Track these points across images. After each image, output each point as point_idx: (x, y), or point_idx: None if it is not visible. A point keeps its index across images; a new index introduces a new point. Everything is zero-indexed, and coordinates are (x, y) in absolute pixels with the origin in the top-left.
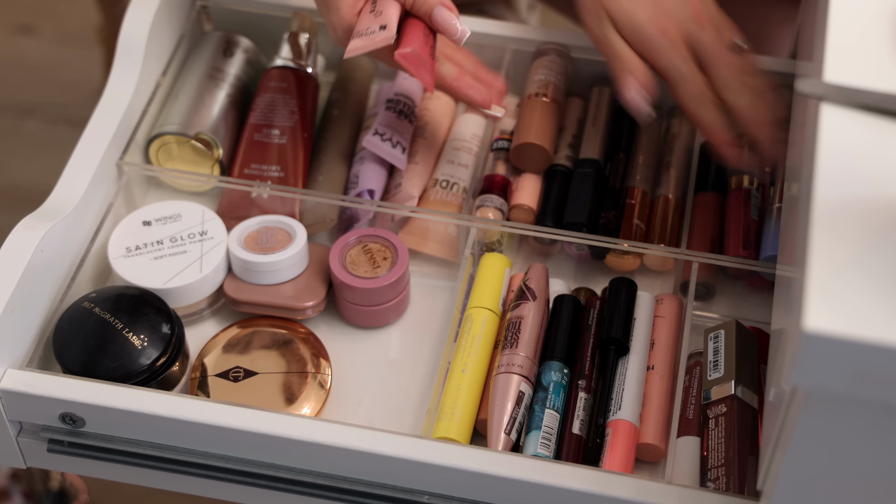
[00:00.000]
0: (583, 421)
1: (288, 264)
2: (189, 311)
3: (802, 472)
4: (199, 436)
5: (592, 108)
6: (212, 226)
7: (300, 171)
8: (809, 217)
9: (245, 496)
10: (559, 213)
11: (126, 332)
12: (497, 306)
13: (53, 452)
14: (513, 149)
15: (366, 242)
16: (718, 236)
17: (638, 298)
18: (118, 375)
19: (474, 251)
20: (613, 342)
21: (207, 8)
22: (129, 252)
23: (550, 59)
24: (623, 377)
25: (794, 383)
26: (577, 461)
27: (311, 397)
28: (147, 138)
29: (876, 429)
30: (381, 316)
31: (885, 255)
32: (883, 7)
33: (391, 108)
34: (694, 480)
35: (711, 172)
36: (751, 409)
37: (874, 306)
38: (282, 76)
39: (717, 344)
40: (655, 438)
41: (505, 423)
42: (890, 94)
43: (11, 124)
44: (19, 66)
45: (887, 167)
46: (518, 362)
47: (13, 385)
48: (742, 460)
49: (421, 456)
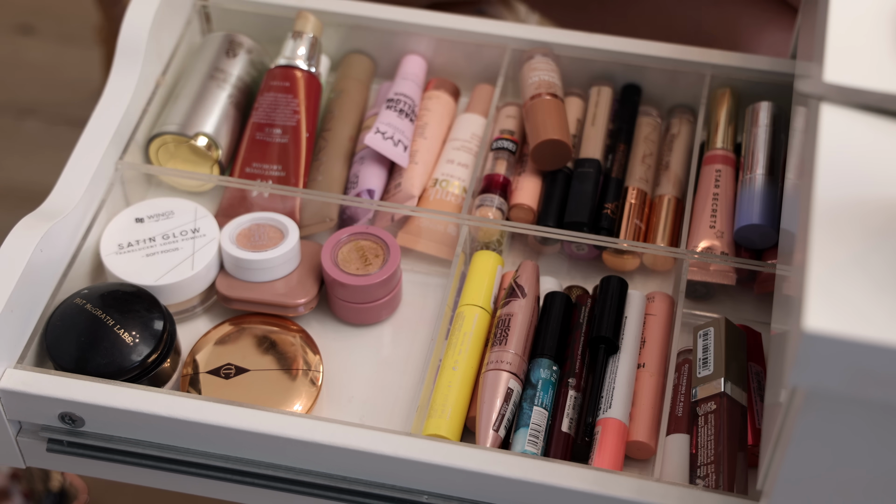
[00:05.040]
0: (572, 419)
1: (280, 262)
2: (181, 307)
3: (802, 472)
4: (198, 435)
5: (592, 107)
6: (204, 223)
7: (301, 171)
8: (809, 217)
9: (244, 496)
10: (560, 212)
11: (118, 328)
12: (488, 304)
13: (53, 452)
14: (534, 148)
15: (358, 240)
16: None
17: (629, 296)
18: (109, 372)
19: (466, 249)
20: (603, 340)
21: (208, 8)
22: (122, 249)
23: (536, 61)
24: (613, 375)
25: (794, 383)
26: (566, 459)
27: (303, 394)
28: (147, 138)
29: (876, 429)
30: (372, 313)
31: (885, 255)
32: (883, 7)
33: (392, 108)
34: (683, 478)
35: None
36: (740, 406)
37: (874, 306)
38: (284, 75)
39: (707, 341)
40: (645, 436)
41: (493, 419)
42: (890, 94)
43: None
44: (19, 66)
45: (887, 167)
46: (507, 359)
47: (13, 385)
48: (731, 457)
49: (421, 455)
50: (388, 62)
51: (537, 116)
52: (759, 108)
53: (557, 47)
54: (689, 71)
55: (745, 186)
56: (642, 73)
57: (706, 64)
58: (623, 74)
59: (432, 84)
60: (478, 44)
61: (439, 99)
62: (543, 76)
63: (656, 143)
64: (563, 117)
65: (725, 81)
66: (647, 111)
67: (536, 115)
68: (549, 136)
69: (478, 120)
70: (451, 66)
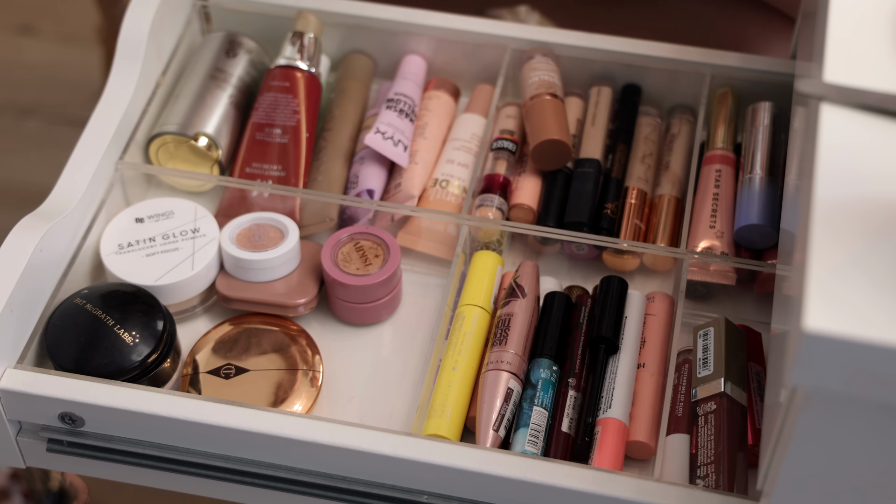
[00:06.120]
0: (572, 419)
1: (280, 262)
2: (181, 308)
3: (802, 472)
4: (198, 435)
5: (592, 107)
6: (204, 223)
7: (301, 171)
8: (809, 217)
9: (244, 496)
10: (560, 212)
11: (118, 328)
12: (488, 304)
13: (53, 452)
14: (534, 148)
15: (357, 240)
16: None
17: (629, 297)
18: (109, 372)
19: (466, 249)
20: (603, 340)
21: (208, 8)
22: (122, 249)
23: (536, 61)
24: (613, 375)
25: (794, 383)
26: (566, 459)
27: (303, 394)
28: (147, 138)
29: (876, 429)
30: (372, 313)
31: (885, 255)
32: (883, 7)
33: (392, 108)
34: (683, 478)
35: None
36: (740, 406)
37: (874, 306)
38: (284, 75)
39: (707, 341)
40: (645, 436)
41: (493, 419)
42: (890, 94)
43: (11, 124)
44: (19, 66)
45: (887, 167)
46: (507, 359)
47: (12, 385)
48: (731, 457)
49: (421, 455)
50: (388, 62)
51: (537, 116)
52: (759, 108)
53: (557, 47)
54: (689, 71)
55: (744, 186)
56: (642, 73)
57: (706, 64)
58: (623, 74)
59: (432, 84)
60: (478, 44)
61: (439, 99)
62: (543, 76)
63: (656, 143)
64: (563, 117)
65: (725, 81)
66: (647, 111)
67: (536, 115)
68: (549, 136)
69: (478, 120)
70: (451, 66)
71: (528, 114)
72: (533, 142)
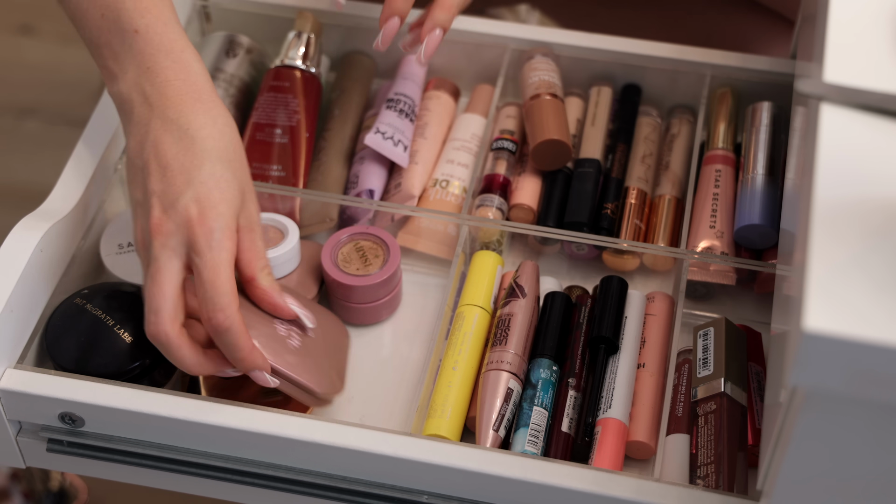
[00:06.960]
0: (572, 419)
1: (280, 262)
2: None
3: (802, 472)
4: (198, 435)
5: (591, 107)
6: None
7: (301, 171)
8: (809, 217)
9: (244, 496)
10: (560, 212)
11: (117, 328)
12: (488, 304)
13: (53, 452)
14: (534, 148)
15: (357, 240)
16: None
17: (629, 296)
18: (109, 372)
19: (466, 249)
20: (603, 340)
21: (208, 8)
22: (121, 249)
23: (536, 61)
24: (613, 375)
25: (794, 383)
26: (566, 459)
27: None
28: None
29: (876, 429)
30: (372, 313)
31: (885, 255)
32: (883, 7)
33: (392, 108)
34: (683, 478)
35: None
36: (740, 406)
37: (874, 306)
38: (284, 76)
39: (707, 341)
40: (645, 436)
41: (493, 419)
42: (890, 94)
43: (11, 124)
44: (19, 66)
45: (887, 167)
46: (507, 359)
47: (12, 385)
48: (731, 457)
49: (421, 455)
50: (388, 62)
51: (537, 116)
52: (759, 108)
53: (557, 47)
54: (689, 71)
55: (744, 186)
56: (642, 73)
57: (706, 64)
58: (623, 74)
59: (432, 84)
60: (478, 44)
61: (439, 99)
62: (543, 76)
63: (656, 143)
64: (563, 117)
65: (725, 81)
66: (647, 111)
67: (536, 115)
68: (549, 136)
69: (478, 120)
70: (451, 66)
71: (528, 114)
72: (533, 142)
